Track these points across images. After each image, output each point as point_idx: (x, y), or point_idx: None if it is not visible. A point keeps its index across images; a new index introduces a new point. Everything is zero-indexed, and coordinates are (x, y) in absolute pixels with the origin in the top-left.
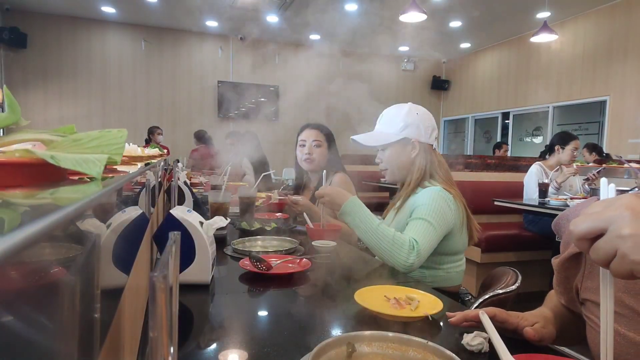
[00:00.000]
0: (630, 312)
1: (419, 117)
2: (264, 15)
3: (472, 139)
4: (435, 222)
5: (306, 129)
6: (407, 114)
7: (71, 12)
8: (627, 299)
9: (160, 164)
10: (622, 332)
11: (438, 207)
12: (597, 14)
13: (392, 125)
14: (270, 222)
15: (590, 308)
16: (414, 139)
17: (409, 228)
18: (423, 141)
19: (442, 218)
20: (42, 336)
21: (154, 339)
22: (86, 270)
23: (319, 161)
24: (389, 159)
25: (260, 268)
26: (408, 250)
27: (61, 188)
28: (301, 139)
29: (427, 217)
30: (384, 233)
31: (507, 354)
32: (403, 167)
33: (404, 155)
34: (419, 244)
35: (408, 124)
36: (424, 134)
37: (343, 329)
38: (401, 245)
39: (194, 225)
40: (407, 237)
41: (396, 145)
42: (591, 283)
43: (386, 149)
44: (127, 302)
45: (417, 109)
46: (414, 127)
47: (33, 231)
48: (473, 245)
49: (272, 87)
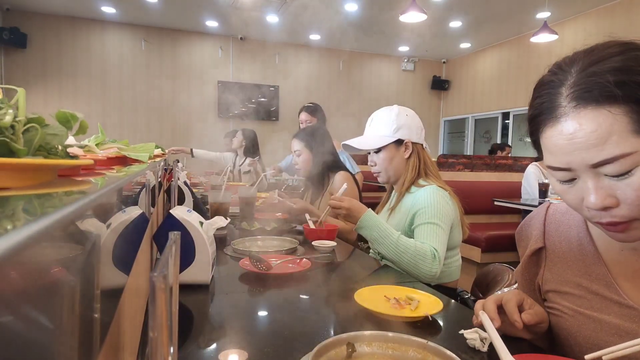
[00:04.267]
0: (588, 293)
1: (409, 119)
2: (264, 15)
3: (472, 139)
4: (442, 223)
5: (292, 139)
6: (398, 115)
7: (71, 12)
8: (585, 282)
9: (160, 164)
10: (581, 311)
11: (441, 207)
12: (597, 14)
13: (384, 128)
14: (270, 222)
15: (552, 298)
16: (407, 140)
17: (422, 234)
18: (415, 141)
19: (446, 217)
20: (41, 336)
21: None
22: (86, 270)
23: (304, 169)
24: (383, 161)
25: (260, 268)
26: (431, 260)
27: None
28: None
29: (436, 221)
30: (405, 246)
31: (507, 354)
32: (397, 168)
33: (397, 156)
34: (439, 252)
35: (400, 126)
36: (415, 135)
37: (343, 329)
38: (424, 256)
39: (194, 225)
40: (428, 245)
41: (390, 147)
42: (550, 275)
43: (379, 152)
44: (127, 302)
45: (406, 111)
46: (406, 128)
47: (33, 231)
48: (473, 245)
49: (272, 87)
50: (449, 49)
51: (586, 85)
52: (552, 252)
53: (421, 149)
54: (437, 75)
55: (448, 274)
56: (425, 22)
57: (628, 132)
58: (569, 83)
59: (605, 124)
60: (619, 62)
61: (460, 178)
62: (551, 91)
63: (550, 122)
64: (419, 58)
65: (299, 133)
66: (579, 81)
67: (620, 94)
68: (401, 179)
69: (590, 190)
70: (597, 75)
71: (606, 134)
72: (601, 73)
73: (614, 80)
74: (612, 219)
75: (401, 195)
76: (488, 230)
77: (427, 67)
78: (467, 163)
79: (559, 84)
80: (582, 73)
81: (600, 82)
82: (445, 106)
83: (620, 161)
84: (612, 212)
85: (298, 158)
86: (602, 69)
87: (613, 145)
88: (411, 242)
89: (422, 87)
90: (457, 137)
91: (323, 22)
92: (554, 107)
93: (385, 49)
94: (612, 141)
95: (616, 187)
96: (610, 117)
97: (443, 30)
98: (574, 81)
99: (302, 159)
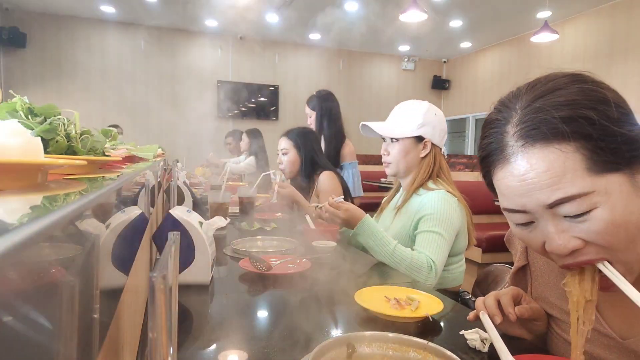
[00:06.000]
0: (569, 317)
1: (436, 119)
2: (264, 15)
3: (472, 139)
4: (446, 233)
5: (280, 137)
6: (426, 112)
7: (70, 11)
8: (567, 307)
9: (160, 164)
10: (564, 337)
11: (447, 215)
12: (597, 13)
13: (409, 120)
14: (270, 222)
15: None
16: (428, 139)
17: (422, 243)
18: (435, 143)
19: (451, 225)
20: (40, 336)
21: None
22: (85, 271)
23: (290, 170)
24: (398, 152)
25: (260, 268)
26: (427, 272)
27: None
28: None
29: (439, 230)
30: (401, 256)
31: (507, 354)
32: (409, 164)
33: (413, 152)
34: (436, 263)
35: (425, 123)
36: (438, 137)
37: (343, 330)
38: (419, 267)
39: (193, 226)
40: (424, 257)
41: (408, 141)
42: (536, 293)
43: (397, 142)
44: (127, 302)
45: (435, 110)
46: (430, 127)
47: (33, 231)
48: (474, 245)
49: (272, 87)
50: (449, 49)
51: (532, 122)
52: (535, 270)
53: (439, 152)
54: (438, 75)
55: (452, 279)
56: (426, 21)
57: (582, 170)
58: (514, 120)
59: (557, 162)
60: (563, 95)
61: (461, 178)
62: (498, 130)
63: (500, 163)
64: (419, 57)
65: (289, 132)
66: (524, 118)
67: (568, 130)
68: (411, 178)
69: (552, 234)
70: (542, 112)
71: (559, 172)
72: (546, 109)
73: (560, 116)
74: (583, 258)
75: (409, 195)
76: (489, 230)
77: (428, 67)
78: (468, 163)
79: (504, 122)
80: (527, 109)
81: (546, 118)
82: (446, 106)
83: (577, 201)
84: (582, 252)
85: (284, 157)
86: (547, 103)
87: (568, 184)
88: (407, 252)
89: (423, 86)
90: (457, 137)
91: (323, 21)
92: (502, 147)
93: (385, 49)
94: (566, 180)
95: (578, 229)
96: (561, 155)
97: (443, 30)
98: (519, 118)
99: (288, 159)
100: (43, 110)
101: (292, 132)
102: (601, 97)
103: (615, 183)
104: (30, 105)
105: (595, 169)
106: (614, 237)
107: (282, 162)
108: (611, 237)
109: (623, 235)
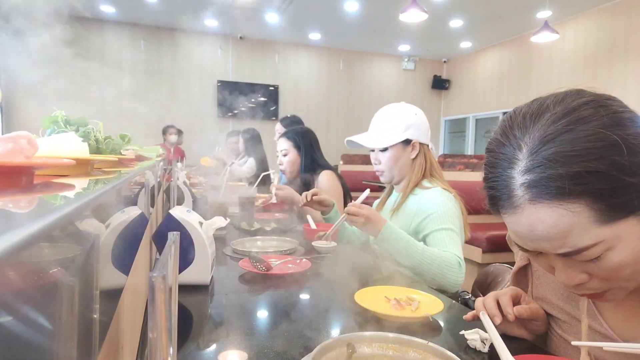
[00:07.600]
0: (571, 319)
1: (418, 118)
2: (264, 15)
3: (472, 139)
4: (456, 227)
5: (279, 139)
6: (407, 114)
7: (70, 11)
8: (568, 308)
9: (160, 164)
10: (565, 337)
11: (451, 211)
12: (598, 13)
13: (392, 126)
14: (270, 222)
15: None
16: (415, 140)
17: (441, 242)
18: (422, 142)
19: (457, 220)
20: (40, 336)
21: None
22: (85, 271)
23: (291, 170)
24: (388, 160)
25: (259, 268)
26: (458, 269)
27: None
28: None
29: (450, 226)
30: (431, 257)
31: (507, 354)
32: (402, 168)
33: (404, 156)
34: (461, 258)
35: (409, 125)
36: (423, 135)
37: (343, 330)
38: (450, 265)
39: (193, 226)
40: (451, 254)
41: (397, 146)
42: (537, 293)
43: (386, 150)
44: (126, 302)
45: (414, 109)
46: (415, 127)
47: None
48: (474, 246)
49: (272, 87)
50: (449, 48)
51: (540, 176)
52: (537, 270)
53: (427, 150)
54: (438, 75)
55: None
56: (426, 21)
57: (591, 224)
58: (521, 166)
59: (565, 219)
60: (574, 143)
61: (461, 178)
62: (503, 173)
63: (507, 208)
64: (419, 57)
65: (288, 132)
66: (531, 166)
67: (578, 190)
68: (405, 180)
69: (560, 270)
70: (550, 167)
71: (567, 228)
72: (555, 161)
73: (569, 174)
74: (587, 291)
75: (405, 196)
76: (489, 230)
77: (428, 67)
78: (468, 163)
79: (510, 162)
80: (535, 156)
81: (554, 175)
82: (446, 105)
83: (586, 252)
84: (586, 286)
85: (284, 158)
86: (557, 154)
87: (576, 239)
88: (435, 251)
89: (423, 86)
90: (457, 137)
91: (323, 21)
92: (508, 193)
93: (385, 48)
94: (574, 234)
95: (586, 265)
96: (569, 214)
97: (444, 30)
98: (527, 165)
99: (288, 159)
100: (76, 121)
101: (291, 132)
102: (613, 142)
103: (626, 227)
104: (67, 117)
105: (605, 219)
106: (620, 275)
107: (283, 163)
108: (618, 274)
109: (630, 271)
